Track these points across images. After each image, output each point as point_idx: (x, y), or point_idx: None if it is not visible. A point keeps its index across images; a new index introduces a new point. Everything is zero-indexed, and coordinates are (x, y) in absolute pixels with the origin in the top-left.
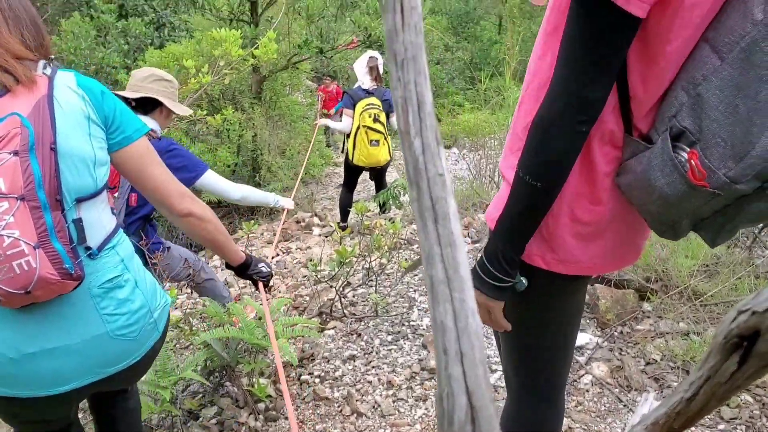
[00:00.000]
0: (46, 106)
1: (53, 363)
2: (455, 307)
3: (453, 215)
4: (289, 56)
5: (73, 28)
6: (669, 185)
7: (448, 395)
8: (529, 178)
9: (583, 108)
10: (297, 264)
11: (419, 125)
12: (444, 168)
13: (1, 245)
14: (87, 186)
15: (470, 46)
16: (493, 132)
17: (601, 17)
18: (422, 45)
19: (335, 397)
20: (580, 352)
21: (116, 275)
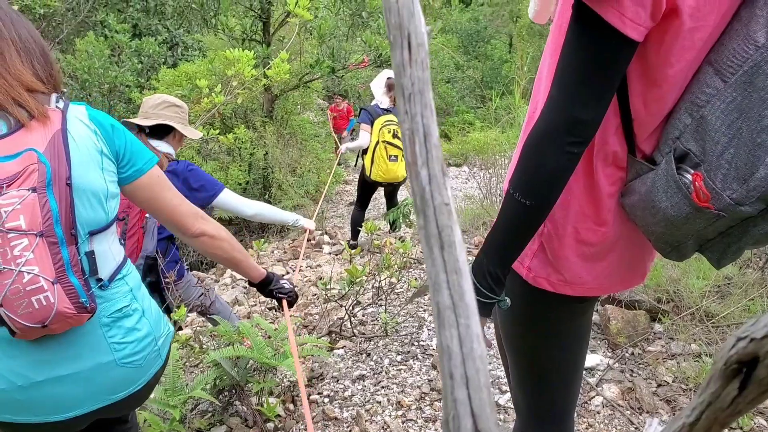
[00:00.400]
0: (60, 141)
1: (60, 390)
2: (461, 333)
3: (458, 243)
4: (300, 75)
5: (88, 47)
6: (673, 207)
7: (454, 418)
8: (519, 195)
9: (574, 129)
10: (307, 282)
11: (426, 156)
12: (450, 198)
13: (20, 281)
14: (100, 219)
15: (481, 65)
16: (504, 151)
17: (597, 39)
18: (428, 80)
19: (344, 417)
20: (591, 374)
21: (125, 305)
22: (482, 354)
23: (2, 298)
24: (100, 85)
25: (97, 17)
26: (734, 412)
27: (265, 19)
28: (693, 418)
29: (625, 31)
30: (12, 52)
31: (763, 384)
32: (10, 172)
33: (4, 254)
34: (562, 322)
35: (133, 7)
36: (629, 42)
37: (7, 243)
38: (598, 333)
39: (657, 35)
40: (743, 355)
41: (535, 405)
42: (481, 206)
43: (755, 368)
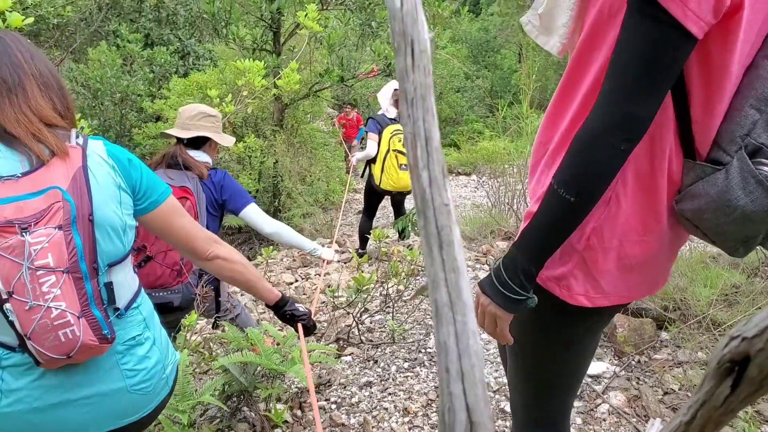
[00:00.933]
0: (83, 178)
1: (73, 413)
2: (457, 329)
3: (457, 243)
4: (310, 85)
5: (100, 56)
6: (753, 202)
7: (449, 411)
8: (563, 191)
9: (628, 125)
10: (315, 290)
11: (427, 159)
12: (449, 199)
13: (48, 316)
14: (118, 251)
15: (490, 74)
16: (512, 160)
17: (656, 31)
18: (431, 85)
19: (351, 423)
20: (598, 381)
21: (138, 333)
22: (477, 350)
23: (31, 332)
24: (112, 94)
25: (109, 27)
26: (727, 411)
27: (276, 29)
28: (689, 417)
29: (686, 24)
30: (34, 87)
31: (754, 383)
32: (36, 210)
33: (34, 290)
34: (585, 335)
35: (145, 17)
36: (689, 37)
37: (36, 280)
38: (605, 341)
39: (720, 34)
40: (735, 354)
41: (534, 409)
42: (489, 215)
43: (747, 367)
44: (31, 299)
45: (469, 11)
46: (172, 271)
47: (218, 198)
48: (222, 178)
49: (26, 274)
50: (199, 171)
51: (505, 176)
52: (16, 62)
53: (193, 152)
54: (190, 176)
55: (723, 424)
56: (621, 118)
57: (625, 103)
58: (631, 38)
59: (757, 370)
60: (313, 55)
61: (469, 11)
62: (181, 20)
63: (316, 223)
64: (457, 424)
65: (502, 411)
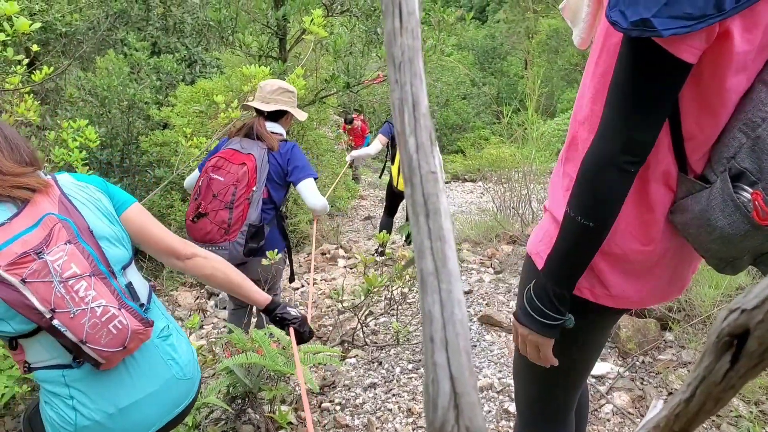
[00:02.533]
0: (67, 201)
1: (143, 411)
2: (442, 298)
3: (444, 211)
4: (316, 91)
5: (108, 65)
6: (731, 225)
7: (433, 381)
8: (581, 218)
9: (631, 149)
10: (321, 295)
11: (414, 125)
12: (437, 166)
13: (95, 315)
14: (123, 256)
15: (497, 81)
16: (518, 166)
17: (651, 61)
18: (419, 49)
19: (356, 424)
20: (602, 382)
21: (164, 325)
22: (462, 319)
23: (85, 335)
24: (120, 102)
25: (117, 35)
26: (727, 387)
27: (282, 36)
28: (688, 394)
29: (680, 55)
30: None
31: (754, 357)
32: (40, 237)
33: (73, 299)
34: (593, 331)
35: (152, 25)
36: (683, 64)
37: (71, 289)
38: (609, 341)
39: (711, 57)
40: (734, 328)
41: (539, 404)
42: (495, 219)
43: (746, 341)
44: (72, 307)
45: (475, 18)
46: (220, 229)
47: (284, 168)
48: (290, 150)
49: (59, 287)
50: (270, 143)
51: (510, 182)
52: None
53: (269, 124)
54: (261, 146)
55: (723, 401)
56: (623, 143)
57: (626, 129)
58: (627, 68)
59: (756, 343)
60: (319, 62)
61: (475, 18)
62: (188, 28)
63: (322, 229)
64: (441, 395)
65: (506, 412)
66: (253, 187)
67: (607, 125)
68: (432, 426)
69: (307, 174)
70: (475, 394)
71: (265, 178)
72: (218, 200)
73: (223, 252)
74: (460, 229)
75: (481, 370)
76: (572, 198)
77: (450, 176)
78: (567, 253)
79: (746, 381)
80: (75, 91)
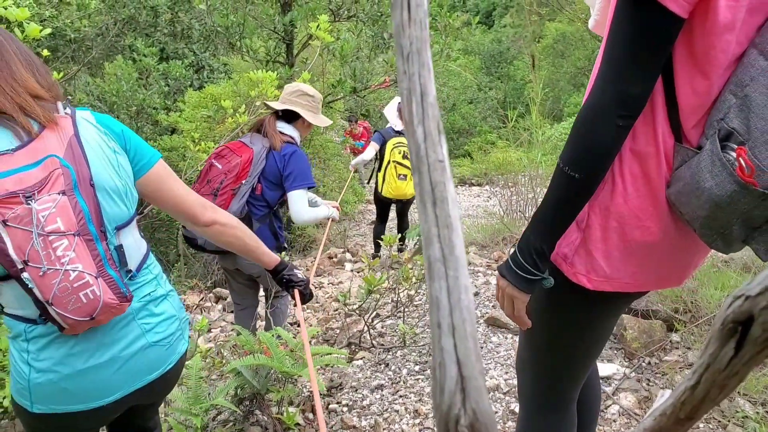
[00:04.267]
0: (77, 145)
1: (104, 375)
2: (449, 284)
3: (451, 199)
4: (323, 96)
5: (116, 70)
6: (718, 185)
7: (440, 365)
8: (569, 169)
9: (623, 103)
10: (329, 298)
11: (422, 114)
12: (444, 155)
13: (68, 279)
14: (123, 215)
15: (504, 85)
16: (524, 169)
17: (642, 14)
18: (427, 39)
19: (363, 426)
20: (608, 383)
21: (152, 290)
22: (469, 305)
23: (52, 297)
24: (128, 108)
25: (125, 41)
26: (732, 374)
27: (289, 42)
28: (693, 381)
29: (667, 6)
30: (16, 62)
31: (758, 343)
32: (37, 179)
33: (48, 256)
34: (594, 320)
35: (160, 31)
36: (674, 17)
37: (50, 245)
38: (615, 342)
39: (700, 13)
40: (739, 314)
41: (543, 394)
42: (502, 222)
43: (750, 327)
44: (45, 264)
45: (482, 23)
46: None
47: (281, 170)
48: (289, 155)
49: (37, 240)
50: (273, 141)
51: (517, 185)
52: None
53: (282, 124)
54: (264, 143)
55: (728, 389)
56: (616, 95)
57: (619, 82)
58: (620, 22)
59: (760, 329)
60: (326, 67)
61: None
62: (195, 34)
63: (329, 233)
64: (448, 379)
65: (513, 413)
66: (242, 180)
67: (601, 79)
68: (439, 409)
69: (300, 183)
70: (481, 379)
71: (258, 174)
72: (208, 186)
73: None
74: (467, 233)
75: (488, 371)
76: (564, 149)
77: (457, 180)
78: (551, 205)
79: (750, 368)
80: (84, 96)
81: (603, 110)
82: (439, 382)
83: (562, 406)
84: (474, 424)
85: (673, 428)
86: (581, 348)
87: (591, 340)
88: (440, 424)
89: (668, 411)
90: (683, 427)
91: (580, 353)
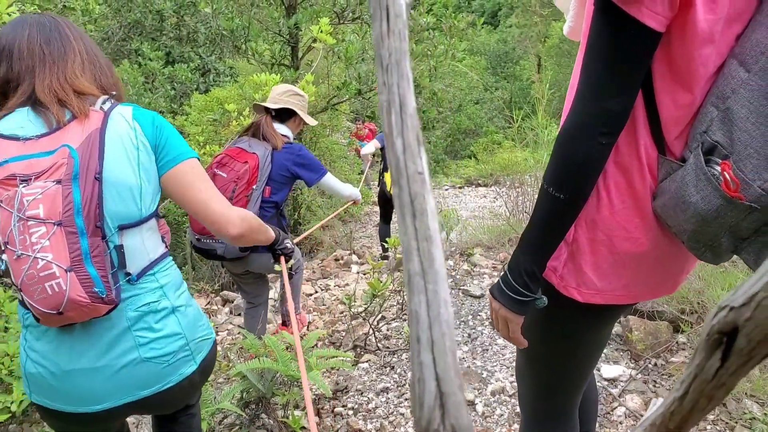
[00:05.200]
0: (97, 137)
1: (88, 381)
2: (429, 298)
3: (430, 212)
4: (328, 98)
5: (123, 75)
6: (703, 200)
7: (419, 381)
8: (552, 189)
9: (603, 120)
10: (335, 301)
11: (401, 126)
12: (424, 167)
13: (35, 267)
14: (131, 214)
15: (510, 85)
16: (530, 170)
17: (618, 29)
18: (406, 51)
19: (368, 429)
20: (614, 385)
21: (153, 301)
22: (448, 319)
23: (21, 283)
24: None
25: (131, 45)
26: (719, 385)
27: (294, 44)
28: (681, 392)
29: (644, 21)
30: (76, 60)
31: (743, 354)
32: (44, 166)
33: (23, 241)
34: (587, 331)
35: (166, 35)
36: (650, 32)
37: (27, 230)
38: (620, 344)
39: (677, 26)
40: (724, 325)
41: (541, 406)
42: (507, 223)
43: (736, 338)
44: (19, 249)
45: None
46: None
47: (290, 169)
48: (298, 149)
49: (16, 224)
50: (274, 142)
51: (523, 186)
52: (65, 37)
53: (277, 125)
54: (266, 146)
55: (716, 400)
56: (596, 113)
57: (599, 99)
58: (597, 38)
59: (745, 340)
60: (331, 69)
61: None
62: (201, 38)
63: (336, 235)
64: (427, 394)
65: (519, 415)
66: (253, 186)
67: (580, 96)
68: (419, 424)
69: (323, 171)
70: (460, 394)
71: (267, 177)
72: None
73: (219, 246)
74: (473, 234)
75: (493, 374)
76: (547, 170)
77: (463, 181)
78: (537, 226)
79: (737, 379)
80: None
81: (584, 129)
82: (418, 398)
83: (562, 414)
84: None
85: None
86: (576, 359)
87: (585, 352)
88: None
89: (657, 421)
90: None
91: (575, 364)
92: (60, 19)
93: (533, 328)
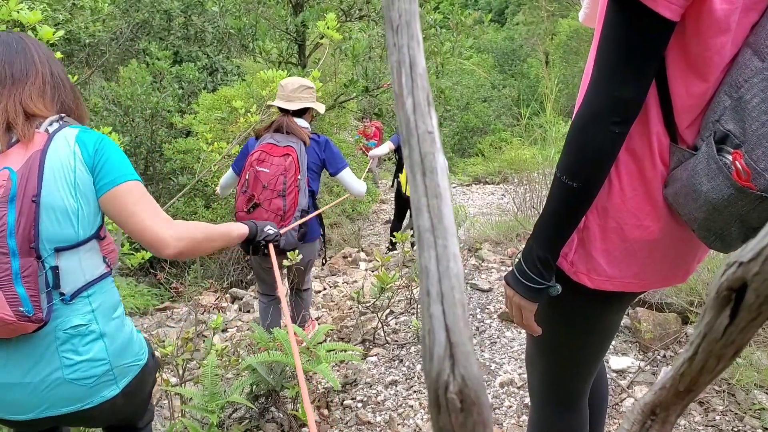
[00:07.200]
0: (37, 160)
1: (11, 395)
2: (438, 253)
3: (440, 169)
4: (336, 96)
5: (131, 74)
6: (714, 189)
7: (430, 332)
8: (566, 178)
9: (617, 108)
10: (343, 297)
11: (411, 86)
12: (434, 126)
13: None
14: (68, 236)
15: (517, 83)
16: (538, 167)
17: (632, 18)
18: (416, 12)
19: (377, 421)
20: (623, 376)
21: (81, 323)
22: (458, 273)
23: None
24: (143, 111)
25: (139, 45)
26: (728, 343)
27: (301, 42)
28: (691, 353)
29: (658, 10)
30: (36, 83)
31: (752, 309)
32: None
33: None
34: (597, 318)
35: (174, 35)
36: (665, 21)
37: None
38: (629, 335)
39: (692, 15)
40: (733, 281)
41: (551, 392)
42: (515, 219)
43: (745, 294)
44: None
45: (494, 21)
46: (276, 216)
47: (320, 159)
48: (324, 141)
49: None
50: (303, 137)
51: (531, 183)
52: (30, 60)
53: (298, 120)
54: (294, 140)
55: (726, 360)
56: (610, 102)
57: (612, 88)
58: (611, 27)
59: (754, 295)
60: (338, 67)
61: (494, 21)
62: (209, 37)
63: (344, 233)
64: (437, 345)
65: (527, 407)
66: (298, 176)
67: (594, 85)
68: (429, 375)
69: (344, 163)
70: (469, 344)
71: (306, 167)
72: (269, 190)
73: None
74: (481, 230)
75: (502, 366)
76: (560, 159)
77: (471, 179)
78: (551, 214)
79: (747, 336)
80: (99, 100)
81: (597, 117)
82: (428, 349)
83: (572, 402)
84: (463, 390)
85: (673, 401)
86: (586, 346)
87: (596, 339)
88: (430, 390)
89: (668, 384)
90: (683, 400)
91: (585, 351)
92: (29, 39)
93: (543, 315)
